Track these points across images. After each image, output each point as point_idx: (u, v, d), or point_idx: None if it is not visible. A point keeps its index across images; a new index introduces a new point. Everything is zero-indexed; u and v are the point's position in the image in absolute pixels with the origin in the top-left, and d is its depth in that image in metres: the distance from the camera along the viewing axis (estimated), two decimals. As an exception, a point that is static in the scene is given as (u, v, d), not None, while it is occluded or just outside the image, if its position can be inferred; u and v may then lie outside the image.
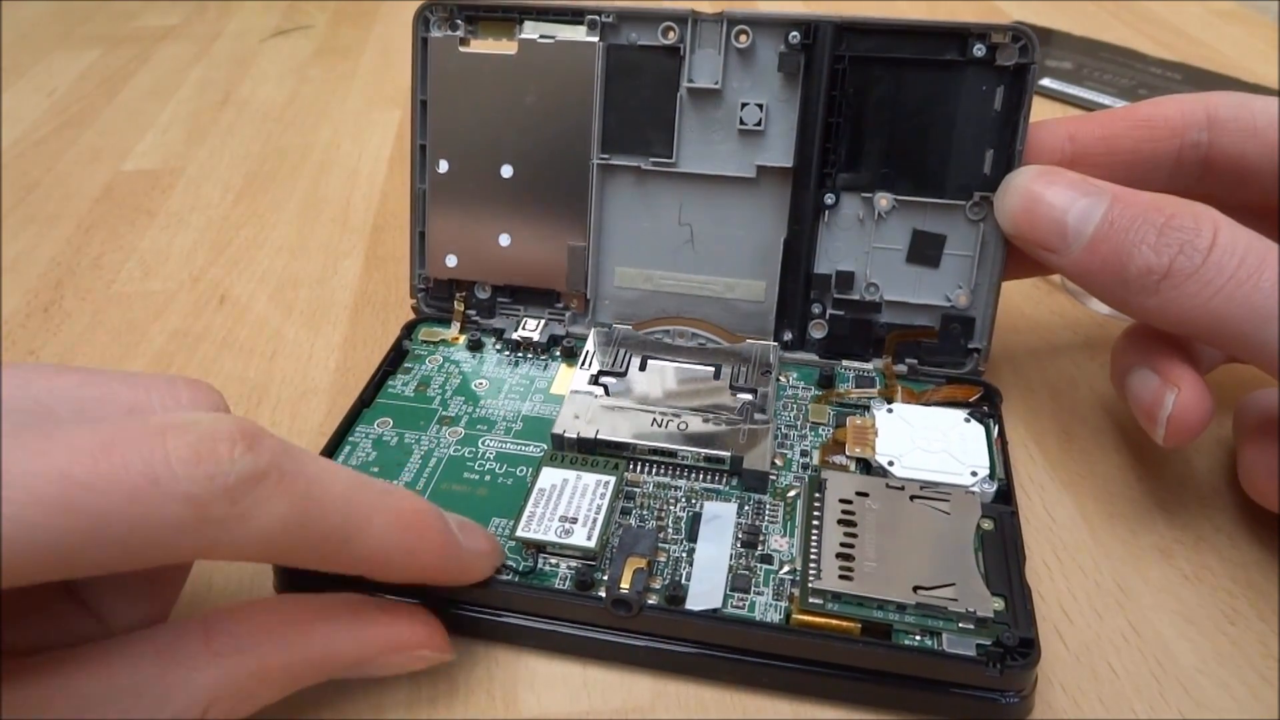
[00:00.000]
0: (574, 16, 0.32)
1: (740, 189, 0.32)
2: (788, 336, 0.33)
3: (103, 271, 0.41)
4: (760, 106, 0.31)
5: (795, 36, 0.30)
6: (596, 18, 0.31)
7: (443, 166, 0.34)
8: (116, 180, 0.49)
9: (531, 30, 0.32)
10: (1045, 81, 0.56)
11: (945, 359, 0.32)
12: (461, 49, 0.32)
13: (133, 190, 0.48)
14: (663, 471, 0.28)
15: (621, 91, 0.32)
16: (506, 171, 0.33)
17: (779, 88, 0.31)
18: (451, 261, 0.34)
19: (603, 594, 0.24)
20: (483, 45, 0.33)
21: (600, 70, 0.32)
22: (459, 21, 0.32)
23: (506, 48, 0.32)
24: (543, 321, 0.34)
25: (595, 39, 0.32)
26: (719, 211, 0.33)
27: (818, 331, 0.33)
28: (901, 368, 0.32)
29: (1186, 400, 0.27)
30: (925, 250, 0.31)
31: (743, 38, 0.31)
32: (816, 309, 0.33)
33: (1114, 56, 0.59)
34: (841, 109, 0.31)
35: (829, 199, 0.32)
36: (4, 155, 0.51)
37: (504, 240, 0.34)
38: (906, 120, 0.30)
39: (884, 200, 0.31)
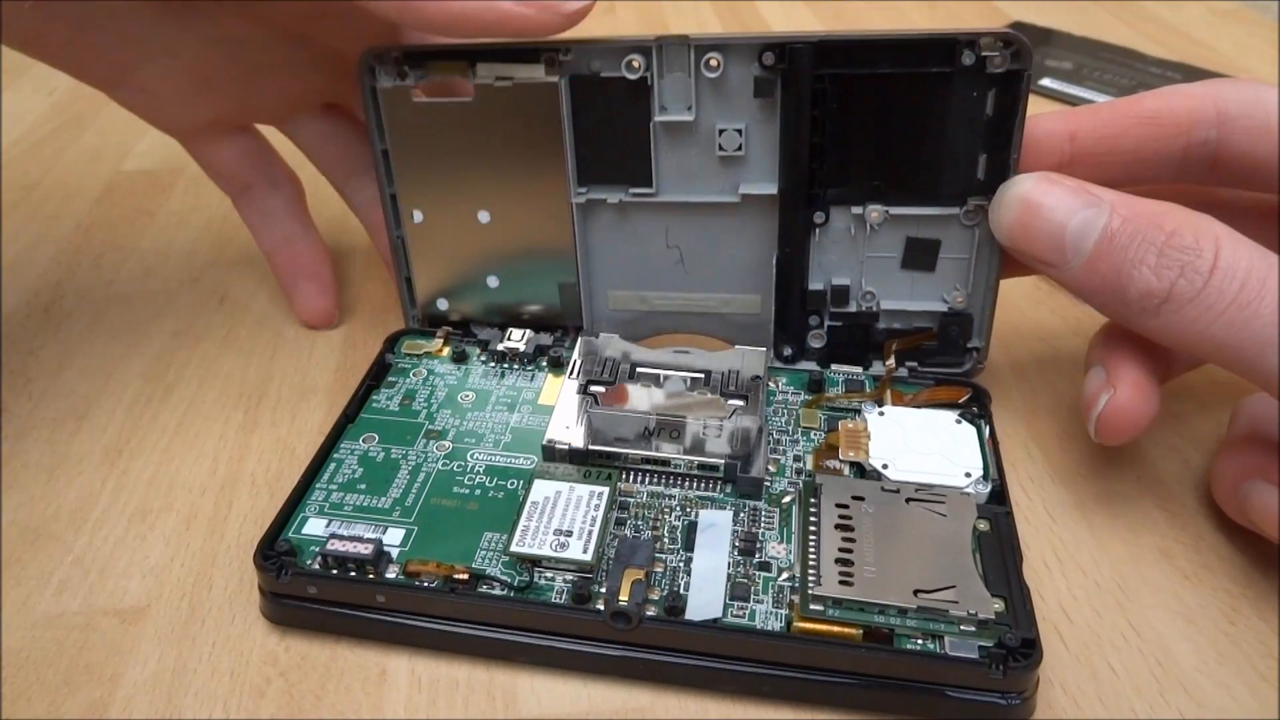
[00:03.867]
0: (530, 54, 0.30)
1: (726, 211, 0.31)
2: (788, 352, 0.33)
3: (103, 271, 0.41)
4: (739, 131, 0.30)
5: (769, 57, 0.28)
6: (554, 55, 0.29)
7: (417, 217, 0.33)
8: (116, 180, 0.49)
9: (486, 72, 0.30)
10: (1045, 81, 0.56)
11: (944, 359, 0.32)
12: (415, 99, 0.30)
13: (133, 190, 0.48)
14: (656, 480, 0.28)
15: (592, 124, 0.30)
16: (484, 217, 0.32)
17: (758, 109, 0.30)
18: (443, 305, 0.34)
19: (601, 607, 0.24)
20: (436, 90, 0.31)
21: (566, 107, 0.30)
22: (406, 69, 0.30)
23: (463, 92, 0.30)
24: (528, 332, 0.34)
25: (555, 78, 0.30)
26: (706, 234, 0.32)
27: (816, 341, 0.33)
28: (902, 371, 0.32)
29: (1118, 402, 0.27)
30: (920, 256, 0.31)
31: (713, 63, 0.29)
32: (814, 321, 0.33)
33: (1114, 56, 0.59)
34: (825, 129, 0.29)
35: (818, 218, 0.31)
36: (4, 155, 0.51)
37: (492, 282, 0.33)
38: (895, 132, 0.29)
39: (875, 214, 0.30)
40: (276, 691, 0.25)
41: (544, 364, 0.33)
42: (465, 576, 0.25)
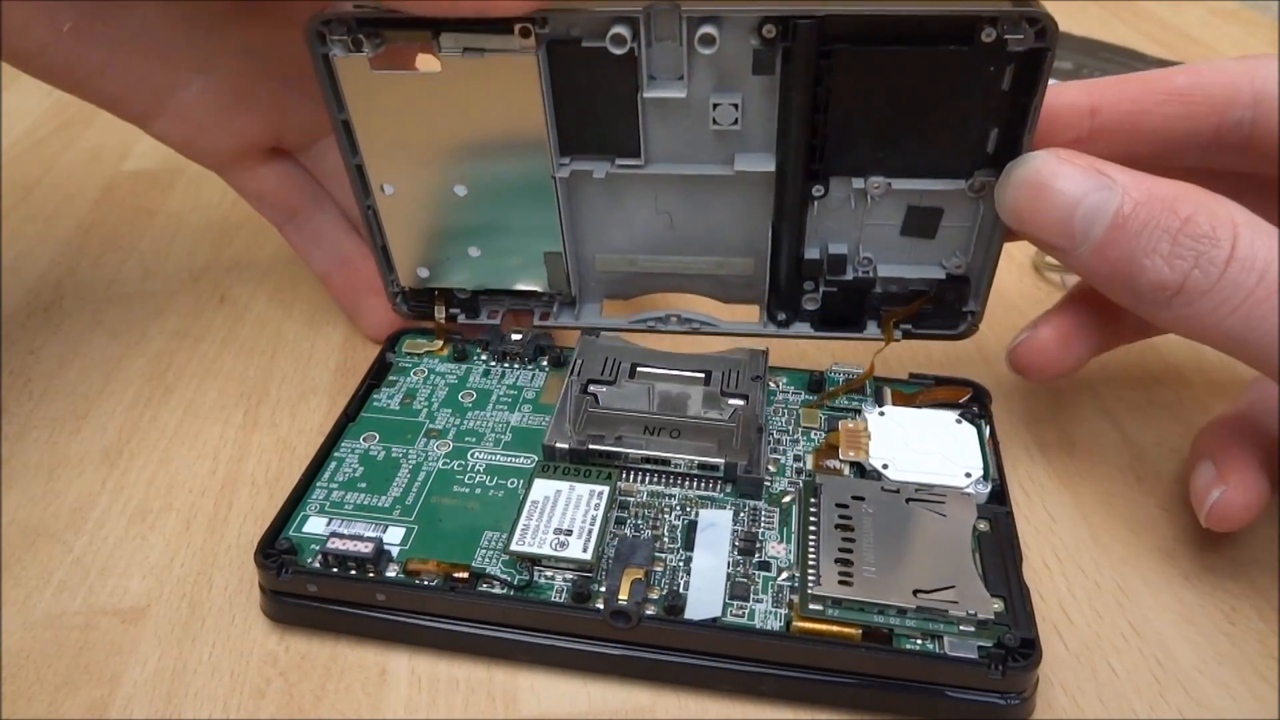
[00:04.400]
0: (501, 22, 0.27)
1: (720, 183, 0.30)
2: (782, 316, 0.32)
3: (103, 271, 0.41)
4: (735, 105, 0.28)
5: (770, 30, 0.26)
6: (529, 24, 0.27)
7: (388, 190, 0.31)
8: (116, 180, 0.49)
9: (451, 44, 0.27)
10: (1045, 81, 0.56)
11: (940, 321, 0.31)
12: (374, 70, 0.28)
13: (133, 190, 0.48)
14: (656, 480, 0.28)
15: (573, 94, 0.28)
16: (460, 191, 0.31)
17: (756, 80, 0.28)
18: (423, 273, 0.33)
19: (601, 606, 0.24)
20: (398, 59, 0.28)
21: (544, 79, 0.28)
22: (360, 38, 0.27)
23: (429, 65, 0.28)
24: (529, 330, 0.33)
25: (531, 51, 0.27)
26: (698, 202, 0.31)
27: (811, 305, 0.32)
28: (897, 334, 0.32)
29: (1026, 343, 0.30)
30: (921, 223, 0.30)
31: (707, 36, 0.26)
32: (809, 286, 0.32)
33: (1114, 56, 0.59)
34: (828, 104, 0.27)
35: (817, 190, 0.29)
36: (4, 155, 0.51)
37: (473, 252, 0.33)
38: (904, 106, 0.27)
39: (876, 186, 0.29)
40: (276, 691, 0.25)
41: (544, 363, 0.33)
42: (465, 575, 0.25)
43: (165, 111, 0.33)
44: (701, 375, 0.30)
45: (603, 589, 0.25)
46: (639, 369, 0.31)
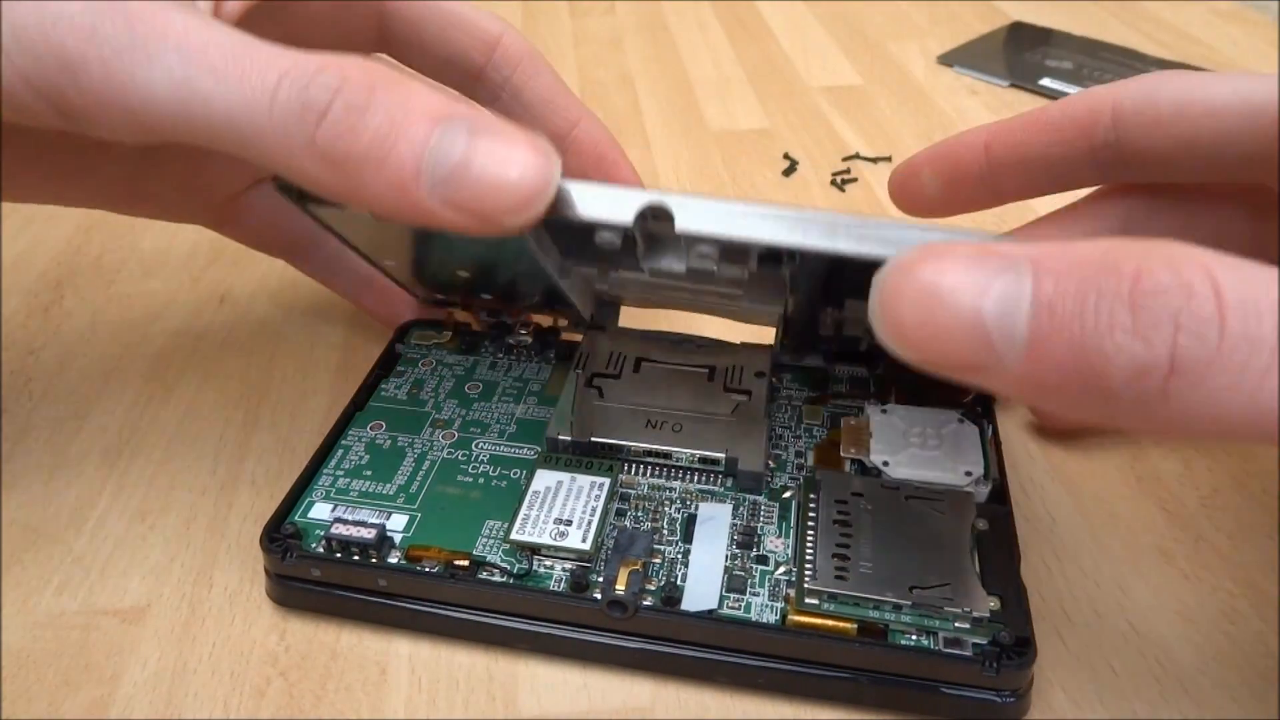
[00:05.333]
0: None
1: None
2: (795, 355, 0.32)
3: (103, 271, 0.41)
4: (738, 282, 0.26)
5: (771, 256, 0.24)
6: None
7: (388, 263, 0.30)
8: (117, 181, 0.49)
9: None
10: (1045, 81, 0.56)
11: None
12: (349, 213, 0.24)
13: (133, 191, 0.48)
14: (657, 473, 0.28)
15: (568, 237, 0.26)
16: (463, 274, 0.30)
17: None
18: (437, 296, 0.33)
19: (598, 595, 0.25)
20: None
21: (534, 244, 0.25)
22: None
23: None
24: (535, 324, 0.33)
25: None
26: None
27: (824, 345, 0.32)
28: None
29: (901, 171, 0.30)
30: None
31: (704, 253, 0.23)
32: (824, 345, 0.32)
33: (1114, 56, 0.59)
34: (839, 299, 0.27)
35: (829, 311, 0.28)
36: (4, 156, 0.51)
37: (483, 295, 0.32)
38: None
39: None
40: (276, 691, 0.25)
41: (551, 356, 0.33)
42: (466, 563, 0.25)
43: (129, 199, 0.31)
44: (706, 370, 0.30)
45: (600, 579, 0.25)
46: (644, 363, 0.31)
